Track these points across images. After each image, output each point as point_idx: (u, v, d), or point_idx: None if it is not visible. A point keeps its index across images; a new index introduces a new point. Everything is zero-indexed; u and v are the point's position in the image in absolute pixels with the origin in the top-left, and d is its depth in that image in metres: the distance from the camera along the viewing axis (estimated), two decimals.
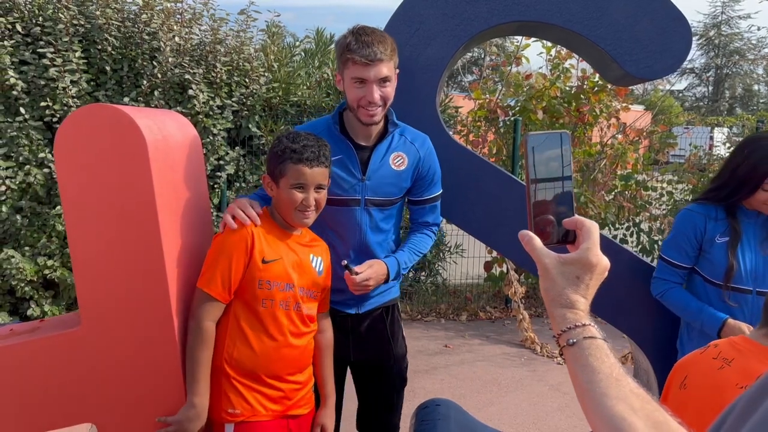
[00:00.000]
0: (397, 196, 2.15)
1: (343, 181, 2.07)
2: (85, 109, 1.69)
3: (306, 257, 1.91)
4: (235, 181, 5.32)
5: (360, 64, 1.94)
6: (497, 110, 6.02)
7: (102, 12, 4.62)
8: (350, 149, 2.07)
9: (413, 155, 2.12)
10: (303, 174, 1.81)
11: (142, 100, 4.78)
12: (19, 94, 4.45)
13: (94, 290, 1.74)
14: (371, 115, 1.99)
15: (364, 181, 2.07)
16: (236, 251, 1.77)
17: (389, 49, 1.96)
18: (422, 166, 2.14)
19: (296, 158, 1.80)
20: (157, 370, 1.79)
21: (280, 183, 1.83)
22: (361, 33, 1.96)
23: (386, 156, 2.09)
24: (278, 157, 1.83)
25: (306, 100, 5.42)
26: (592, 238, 0.86)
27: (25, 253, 4.61)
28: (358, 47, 1.93)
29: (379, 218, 2.14)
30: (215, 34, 5.03)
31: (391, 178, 2.10)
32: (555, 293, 0.84)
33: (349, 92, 2.01)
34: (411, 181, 2.15)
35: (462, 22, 2.34)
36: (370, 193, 2.09)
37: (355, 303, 2.21)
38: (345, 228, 2.13)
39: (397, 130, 2.12)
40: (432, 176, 2.18)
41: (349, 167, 2.07)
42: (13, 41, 4.46)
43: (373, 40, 1.94)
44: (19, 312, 4.75)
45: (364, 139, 2.09)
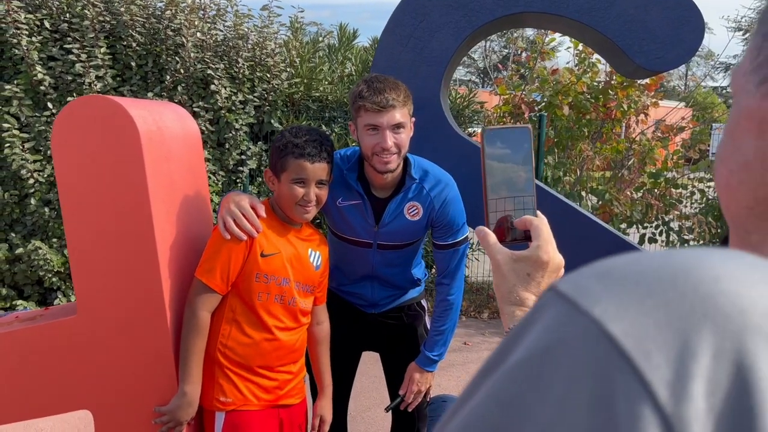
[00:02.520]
0: (411, 241, 2.13)
1: (357, 225, 2.07)
2: (81, 100, 1.72)
3: (304, 251, 1.91)
4: (257, 175, 5.37)
5: (372, 111, 1.90)
6: (522, 106, 5.94)
7: (127, 8, 4.70)
8: (365, 200, 2.05)
9: (428, 206, 2.07)
10: (304, 169, 1.80)
11: (166, 95, 4.85)
12: (47, 89, 4.56)
13: (89, 279, 1.77)
14: (386, 162, 1.93)
15: (377, 230, 2.07)
16: (237, 244, 1.78)
17: (402, 95, 1.92)
18: (436, 218, 2.08)
19: (298, 153, 1.79)
20: (151, 359, 1.81)
21: (281, 177, 1.83)
22: (374, 81, 1.93)
23: (401, 206, 2.06)
24: (280, 151, 1.82)
25: (328, 95, 5.43)
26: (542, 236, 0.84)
27: (52, 245, 4.73)
28: (370, 94, 1.89)
29: (393, 257, 2.14)
30: (238, 29, 5.07)
31: (405, 227, 2.08)
32: (505, 290, 0.83)
33: (362, 140, 1.96)
34: (426, 229, 2.12)
35: (467, 13, 2.31)
36: (383, 239, 2.09)
37: (372, 307, 2.25)
38: (356, 263, 2.17)
39: (414, 184, 2.06)
40: (449, 225, 2.10)
41: (364, 214, 2.06)
42: (41, 37, 4.57)
43: (385, 87, 1.90)
44: (46, 302, 4.88)
45: (379, 191, 2.06)
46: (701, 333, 0.28)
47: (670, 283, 0.30)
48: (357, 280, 2.21)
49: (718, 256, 0.31)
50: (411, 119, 1.99)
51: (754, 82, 0.45)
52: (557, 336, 0.30)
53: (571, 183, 5.96)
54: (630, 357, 0.28)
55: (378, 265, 2.14)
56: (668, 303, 0.29)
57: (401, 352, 2.27)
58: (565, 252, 0.87)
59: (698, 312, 0.28)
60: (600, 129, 6.05)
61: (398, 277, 2.21)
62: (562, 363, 0.29)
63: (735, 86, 0.48)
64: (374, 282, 2.20)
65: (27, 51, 4.45)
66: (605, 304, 0.30)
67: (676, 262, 0.31)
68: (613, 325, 0.29)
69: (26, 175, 4.53)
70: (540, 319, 0.32)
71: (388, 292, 2.23)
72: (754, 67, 0.45)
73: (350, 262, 2.18)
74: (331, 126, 5.43)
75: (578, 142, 5.97)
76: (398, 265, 2.18)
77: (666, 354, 0.28)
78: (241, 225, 1.77)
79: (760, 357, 0.27)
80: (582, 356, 0.29)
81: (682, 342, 0.28)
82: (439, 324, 2.16)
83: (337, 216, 2.08)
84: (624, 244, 2.36)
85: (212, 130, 5.03)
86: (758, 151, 0.44)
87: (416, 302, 2.31)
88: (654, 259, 0.32)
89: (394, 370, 2.30)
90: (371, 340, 2.32)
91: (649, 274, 0.31)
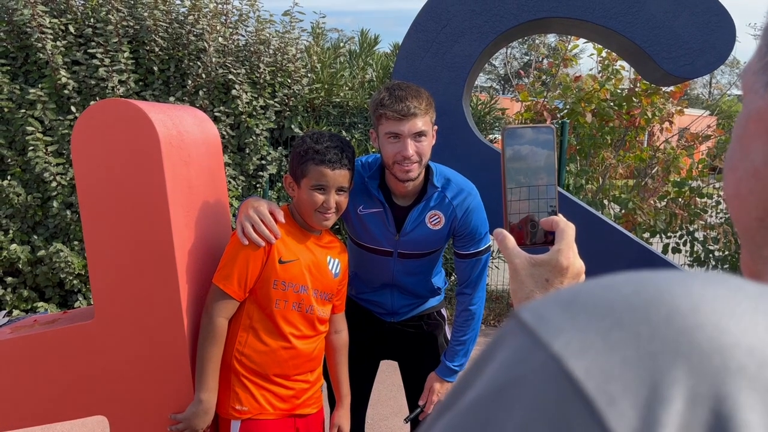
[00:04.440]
0: (432, 250, 2.10)
1: (378, 233, 2.04)
2: (101, 104, 1.71)
3: (323, 259, 1.88)
4: (277, 180, 5.37)
5: (393, 119, 1.87)
6: (544, 113, 5.88)
7: (150, 14, 4.73)
8: (387, 208, 2.02)
9: (450, 215, 2.03)
10: (324, 175, 1.77)
11: (187, 99, 4.87)
12: (70, 93, 4.60)
13: (107, 283, 1.76)
14: (407, 170, 1.90)
15: (398, 238, 2.04)
16: (254, 250, 1.75)
17: (424, 103, 1.89)
18: (458, 226, 2.05)
19: (318, 159, 1.77)
20: (167, 365, 1.80)
21: (301, 183, 1.80)
22: (395, 88, 1.90)
23: (422, 215, 2.03)
24: (300, 157, 1.80)
25: (348, 101, 5.42)
26: (565, 240, 0.80)
27: (74, 247, 4.76)
28: (391, 102, 1.86)
29: (413, 266, 2.11)
30: (259, 35, 5.09)
31: (426, 236, 2.04)
32: (523, 296, 0.78)
33: (383, 148, 1.93)
34: (447, 238, 2.09)
35: (490, 18, 2.28)
36: (403, 247, 2.06)
37: (391, 315, 2.23)
38: (376, 271, 2.14)
39: (436, 192, 2.02)
40: (472, 234, 2.07)
41: (385, 222, 2.03)
42: (66, 42, 4.61)
43: (407, 95, 1.87)
44: (67, 304, 4.92)
45: (401, 199, 2.04)
46: (674, 374, 0.24)
47: (642, 314, 0.26)
48: (377, 288, 2.18)
49: (699, 282, 0.28)
50: (433, 127, 1.96)
51: (762, 82, 0.41)
52: (513, 374, 0.27)
53: (593, 191, 5.88)
54: (591, 401, 0.24)
55: (398, 273, 2.10)
56: (638, 337, 0.25)
57: (420, 361, 2.23)
58: (588, 261, 0.83)
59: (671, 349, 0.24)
60: (623, 137, 5.96)
61: (418, 285, 2.17)
62: (515, 406, 0.25)
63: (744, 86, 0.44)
64: (394, 290, 2.17)
65: (51, 55, 4.50)
66: (567, 336, 0.26)
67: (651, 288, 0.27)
68: (573, 362, 0.25)
69: (49, 178, 4.57)
70: (500, 351, 0.28)
71: (407, 301, 2.20)
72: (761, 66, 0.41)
73: (370, 270, 2.15)
74: (352, 132, 5.42)
75: (601, 149, 5.89)
76: (418, 274, 2.14)
77: (633, 398, 0.24)
78: (260, 230, 1.75)
79: (742, 403, 0.23)
80: (538, 399, 0.25)
81: (652, 384, 0.24)
82: (460, 334, 2.12)
83: (357, 224, 2.06)
84: (648, 253, 2.30)
85: (233, 134, 5.05)
86: None
87: (436, 311, 2.27)
88: (628, 285, 0.28)
89: (413, 380, 2.26)
90: (390, 349, 2.29)
91: (619, 303, 0.27)
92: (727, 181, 0.44)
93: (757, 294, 0.27)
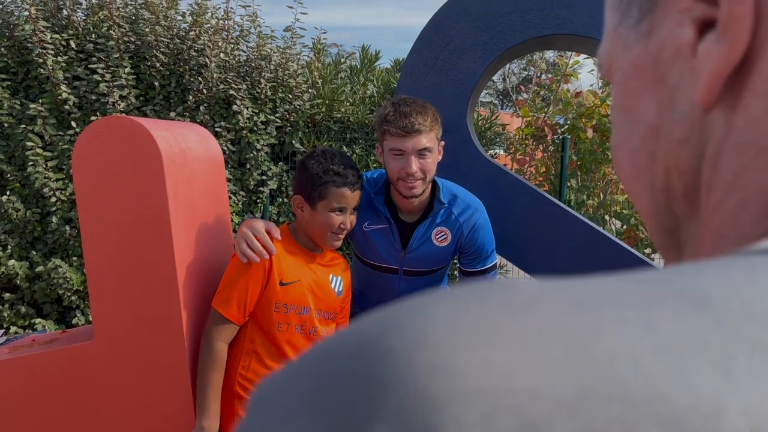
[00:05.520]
0: (438, 267, 2.08)
1: (383, 250, 2.01)
2: (103, 121, 1.70)
3: (325, 277, 1.86)
4: (278, 196, 5.35)
5: (397, 135, 1.85)
6: (545, 128, 5.87)
7: (152, 29, 4.73)
8: (392, 224, 2.00)
9: (456, 232, 2.01)
10: (345, 197, 1.76)
11: (188, 115, 4.86)
12: (71, 108, 4.59)
13: (107, 303, 1.73)
14: (410, 187, 1.88)
15: (404, 255, 2.01)
16: (254, 272, 1.72)
17: (429, 119, 1.86)
18: (464, 243, 2.02)
19: (340, 181, 1.74)
20: (168, 390, 1.76)
21: (318, 205, 1.76)
22: (400, 104, 1.88)
23: (428, 232, 2.00)
24: (318, 178, 1.75)
25: (349, 116, 5.42)
26: None
27: (72, 263, 4.73)
28: (396, 118, 1.85)
29: (419, 284, 2.08)
30: (261, 50, 5.09)
31: (432, 253, 2.02)
32: None
33: (387, 164, 1.92)
34: (453, 255, 2.06)
35: (495, 36, 2.27)
36: (408, 264, 2.03)
37: None
38: (381, 289, 2.11)
39: (443, 209, 2.00)
40: (478, 251, 2.04)
41: (391, 239, 2.01)
42: (67, 57, 4.61)
43: (412, 111, 1.85)
44: (65, 320, 4.87)
45: (407, 215, 2.02)
46: None
47: (349, 360, 0.20)
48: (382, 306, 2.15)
49: (449, 307, 0.21)
50: (440, 143, 1.94)
51: (628, 26, 0.34)
52: None
53: (594, 207, 5.86)
54: None
55: (403, 292, 2.08)
56: (330, 393, 0.19)
57: None
58: None
59: (371, 404, 0.19)
60: None
61: None
62: None
63: (607, 60, 0.37)
64: None
65: (52, 70, 4.49)
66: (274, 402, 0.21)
67: (375, 327, 0.22)
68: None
69: (48, 194, 4.55)
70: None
71: None
72: (621, 17, 0.35)
73: (375, 288, 2.12)
74: (353, 147, 5.41)
75: (602, 165, 5.88)
76: (423, 291, 2.12)
77: None
78: (253, 246, 1.72)
79: None
80: None
81: None
82: None
83: (362, 241, 2.03)
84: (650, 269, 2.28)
85: (233, 150, 5.03)
86: (663, 104, 0.32)
87: None
88: (360, 326, 0.22)
89: None
90: None
91: (332, 349, 0.21)
92: (620, 161, 0.36)
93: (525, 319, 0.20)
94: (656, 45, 0.32)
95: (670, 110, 0.32)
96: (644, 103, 0.33)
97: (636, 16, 0.34)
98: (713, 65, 0.29)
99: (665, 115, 0.32)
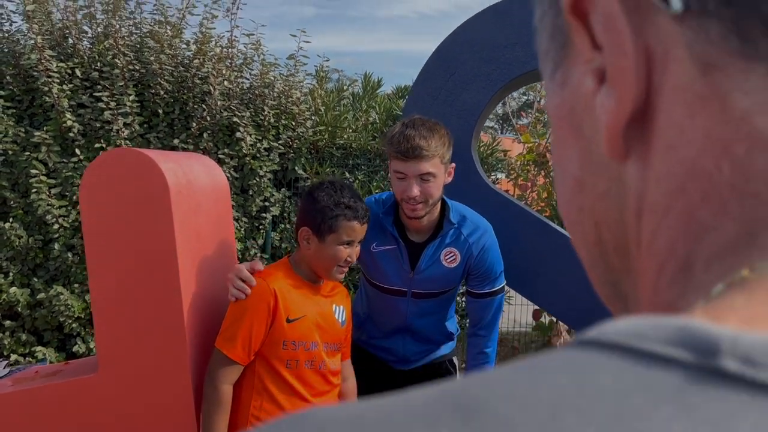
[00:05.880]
0: (447, 288, 2.07)
1: (392, 272, 2.01)
2: (111, 153, 1.70)
3: (329, 309, 1.85)
4: (280, 222, 5.35)
5: (399, 159, 1.86)
6: (546, 154, 5.90)
7: (156, 57, 4.77)
8: (401, 244, 2.00)
9: (465, 252, 2.01)
10: (355, 230, 1.76)
11: (192, 142, 4.88)
12: (75, 136, 4.61)
13: (112, 334, 1.72)
14: (413, 209, 1.90)
15: (413, 276, 2.00)
16: (258, 311, 1.70)
17: (434, 144, 1.85)
18: (473, 264, 2.02)
19: (351, 215, 1.74)
20: (173, 423, 1.74)
21: (327, 238, 1.75)
22: (408, 126, 1.88)
23: (437, 253, 2.00)
24: (329, 211, 1.74)
25: (352, 143, 5.45)
26: None
27: (74, 290, 4.71)
28: (400, 140, 1.85)
29: (427, 306, 2.07)
30: (264, 78, 5.13)
31: (441, 274, 2.01)
32: None
33: (393, 184, 1.94)
34: (462, 276, 2.05)
35: (499, 67, 2.29)
36: (417, 286, 2.02)
37: (402, 362, 2.16)
38: (389, 312, 2.10)
39: (452, 229, 2.00)
40: (487, 273, 2.04)
41: (399, 259, 2.00)
42: (72, 85, 4.65)
43: (416, 135, 1.84)
44: (66, 348, 4.84)
45: (416, 235, 2.02)
46: None
47: None
48: (389, 332, 2.13)
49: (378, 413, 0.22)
50: (448, 165, 1.93)
51: (547, 77, 0.33)
52: None
53: None
54: None
55: (411, 315, 2.06)
56: None
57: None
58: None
59: None
60: None
61: (431, 328, 2.12)
62: None
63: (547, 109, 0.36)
64: (406, 336, 2.12)
65: (57, 98, 4.52)
66: None
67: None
68: None
69: (51, 221, 4.55)
70: None
71: (419, 348, 2.15)
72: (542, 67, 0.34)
73: (383, 312, 2.10)
74: (355, 173, 5.42)
75: None
76: (432, 314, 2.10)
77: None
78: (236, 286, 1.71)
79: None
80: None
81: None
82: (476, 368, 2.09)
83: (370, 262, 2.03)
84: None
85: (236, 176, 5.04)
86: (583, 155, 0.31)
87: (447, 359, 2.22)
88: None
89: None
90: None
91: None
92: (560, 208, 0.35)
93: None
94: (570, 95, 0.31)
95: (589, 161, 0.30)
96: (568, 154, 0.32)
97: (551, 66, 0.33)
98: (606, 118, 0.28)
99: (585, 167, 0.31)
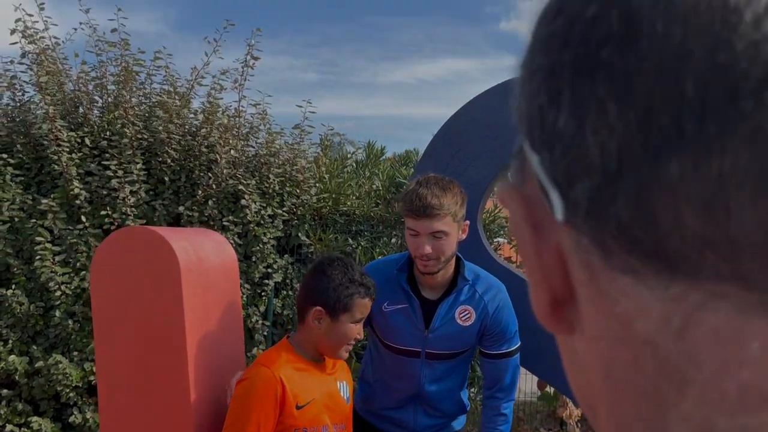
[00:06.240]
0: (462, 349, 2.05)
1: (405, 331, 2.00)
2: (124, 231, 1.73)
3: (335, 387, 1.82)
4: (282, 288, 5.33)
5: (412, 217, 1.89)
6: None
7: (165, 127, 4.86)
8: (414, 301, 2.00)
9: (481, 310, 2.00)
10: (367, 308, 1.77)
11: (197, 209, 4.92)
12: (82, 203, 4.65)
13: (116, 413, 1.69)
14: (425, 264, 1.91)
15: (427, 335, 1.99)
16: (265, 403, 1.64)
17: (447, 203, 1.87)
18: (489, 323, 2.01)
19: (364, 292, 1.74)
20: None
21: (341, 317, 1.72)
22: (422, 184, 1.91)
23: (452, 310, 1.99)
24: (344, 289, 1.72)
25: (355, 209, 5.49)
26: None
27: (73, 359, 4.65)
28: (413, 198, 1.88)
29: (441, 370, 2.04)
30: (270, 147, 5.22)
31: (456, 333, 2.00)
32: None
33: (407, 240, 1.95)
34: (477, 336, 2.03)
35: (503, 143, 2.34)
36: (431, 346, 2.00)
37: None
38: (403, 377, 2.06)
39: (467, 285, 2.01)
40: (502, 332, 2.03)
41: (413, 318, 1.99)
42: (81, 154, 4.72)
43: (429, 194, 1.86)
44: (61, 418, 4.74)
45: (430, 291, 2.02)
46: None
47: None
48: (401, 402, 2.07)
49: None
50: (462, 223, 1.94)
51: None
52: None
53: None
54: None
55: (426, 380, 2.01)
56: None
57: None
58: None
59: None
60: None
61: (446, 397, 2.06)
62: None
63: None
64: (418, 406, 2.06)
65: (66, 167, 4.58)
66: None
67: None
68: None
69: (54, 287, 4.53)
70: None
71: (431, 421, 2.10)
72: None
73: (396, 377, 2.06)
74: (358, 239, 5.44)
75: None
76: (447, 379, 2.05)
77: None
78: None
79: None
80: None
81: None
82: None
83: (382, 322, 2.01)
84: None
85: (240, 243, 5.06)
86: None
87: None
88: None
89: None
90: None
91: None
92: None
93: None
94: None
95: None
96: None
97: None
98: (534, 303, 0.28)
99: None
